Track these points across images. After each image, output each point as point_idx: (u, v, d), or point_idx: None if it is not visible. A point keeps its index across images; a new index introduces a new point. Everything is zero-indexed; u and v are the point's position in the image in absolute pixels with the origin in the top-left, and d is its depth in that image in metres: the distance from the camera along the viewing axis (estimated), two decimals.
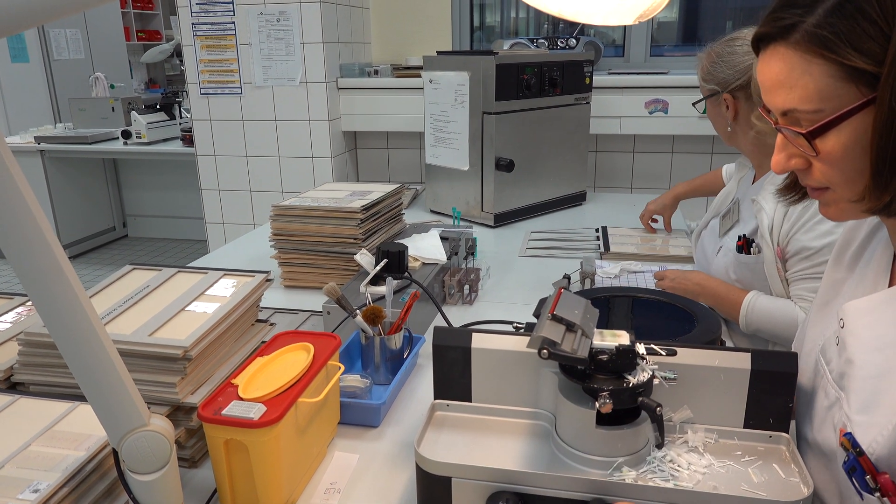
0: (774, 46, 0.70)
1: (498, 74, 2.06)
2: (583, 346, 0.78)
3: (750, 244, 1.44)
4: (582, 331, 0.80)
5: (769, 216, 1.38)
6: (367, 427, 1.06)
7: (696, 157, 2.83)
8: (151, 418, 0.72)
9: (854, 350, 0.74)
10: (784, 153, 0.74)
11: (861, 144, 0.67)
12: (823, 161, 0.70)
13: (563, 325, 0.80)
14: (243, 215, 3.11)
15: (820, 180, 0.72)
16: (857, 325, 0.75)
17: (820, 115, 0.67)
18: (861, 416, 0.71)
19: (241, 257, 1.92)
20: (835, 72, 0.65)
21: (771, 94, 0.72)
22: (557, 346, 0.76)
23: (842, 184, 0.71)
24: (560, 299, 0.84)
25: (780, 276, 1.38)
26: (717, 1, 3.30)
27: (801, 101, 0.68)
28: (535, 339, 0.77)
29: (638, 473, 0.77)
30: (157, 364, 0.91)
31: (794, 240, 1.34)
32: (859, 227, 0.89)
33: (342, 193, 1.73)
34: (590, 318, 0.84)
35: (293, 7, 2.75)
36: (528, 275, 1.75)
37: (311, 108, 2.87)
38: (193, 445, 0.96)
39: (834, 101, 0.66)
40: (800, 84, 0.68)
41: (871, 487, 0.67)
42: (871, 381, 0.71)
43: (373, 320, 1.17)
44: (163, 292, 1.08)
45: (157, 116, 4.48)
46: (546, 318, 0.80)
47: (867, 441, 0.68)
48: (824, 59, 0.65)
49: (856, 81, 0.65)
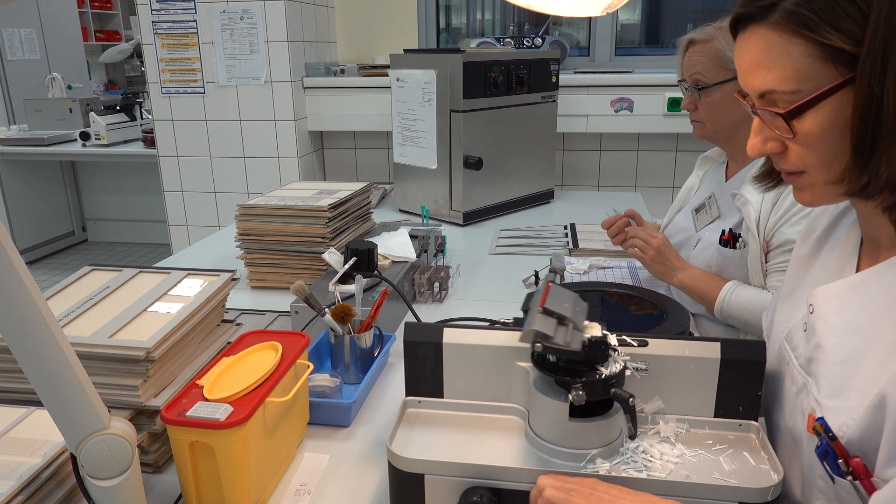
0: (753, 27, 0.70)
1: (465, 72, 2.05)
2: (575, 339, 0.78)
3: (736, 238, 1.43)
4: (573, 323, 0.80)
5: (756, 209, 1.37)
6: (337, 427, 1.04)
7: (661, 154, 2.87)
8: (112, 421, 0.70)
9: (824, 335, 0.75)
10: (760, 136, 0.74)
11: (838, 125, 0.67)
12: (800, 143, 0.70)
13: (555, 318, 0.79)
14: (208, 217, 3.05)
15: (796, 163, 0.73)
16: (826, 310, 0.76)
17: (798, 95, 0.68)
18: (831, 400, 0.72)
19: (206, 258, 1.88)
20: (814, 51, 0.66)
21: (749, 75, 0.72)
22: (550, 339, 0.76)
23: (818, 166, 0.71)
24: (549, 292, 0.83)
25: (763, 269, 1.37)
26: (679, 3, 3.35)
27: (780, 81, 0.68)
28: (527, 333, 0.76)
29: (611, 465, 0.77)
30: (118, 366, 0.88)
31: (779, 232, 1.34)
32: (822, 215, 0.90)
33: (309, 192, 1.71)
34: (579, 310, 0.83)
35: (257, 5, 2.71)
36: (497, 272, 1.75)
37: (277, 107, 2.83)
38: (157, 450, 0.93)
39: (812, 81, 0.67)
40: (778, 64, 0.68)
41: (842, 471, 0.67)
42: (841, 365, 0.72)
43: (342, 319, 1.15)
44: (124, 293, 1.05)
45: (116, 117, 4.37)
46: (537, 312, 0.79)
47: (837, 425, 0.69)
48: (803, 39, 0.66)
49: (834, 61, 0.65)
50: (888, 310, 0.69)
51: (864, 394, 0.67)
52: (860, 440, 0.67)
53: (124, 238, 5.31)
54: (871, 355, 0.69)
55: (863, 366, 0.69)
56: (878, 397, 0.65)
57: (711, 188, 1.61)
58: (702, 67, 1.46)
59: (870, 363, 0.69)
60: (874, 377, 0.67)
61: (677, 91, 2.60)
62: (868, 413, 0.66)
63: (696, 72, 1.47)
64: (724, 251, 1.44)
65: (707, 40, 1.45)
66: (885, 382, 0.65)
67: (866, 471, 0.66)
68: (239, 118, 2.87)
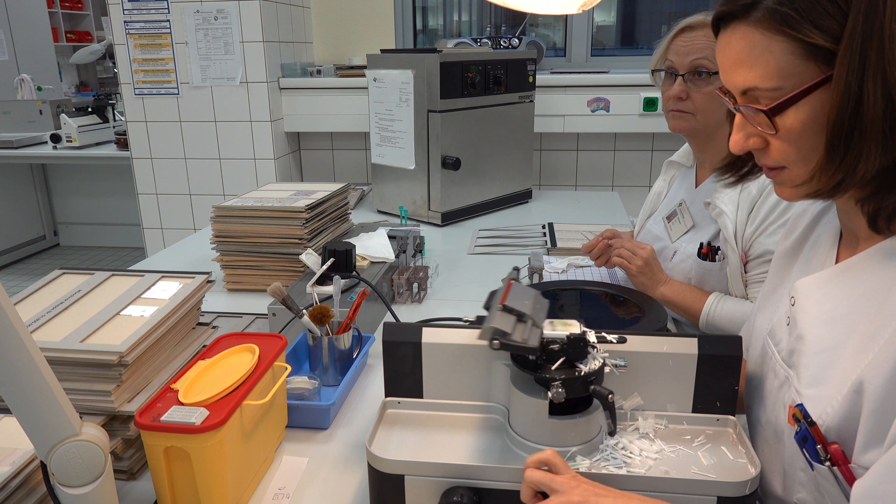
0: (735, 25, 0.71)
1: (442, 72, 2.05)
2: (533, 336, 0.78)
3: (715, 251, 1.41)
4: (532, 321, 0.80)
5: (732, 220, 1.35)
6: (316, 429, 1.03)
7: (637, 154, 2.90)
8: (83, 427, 0.68)
9: (805, 326, 0.76)
10: (742, 133, 0.75)
11: (818, 121, 0.68)
12: (782, 139, 0.71)
13: (514, 315, 0.79)
14: (183, 220, 3.01)
15: (777, 159, 0.73)
16: (807, 301, 0.77)
17: (779, 92, 0.68)
18: (811, 389, 0.73)
19: (181, 261, 1.86)
20: (795, 49, 0.67)
21: (731, 73, 0.73)
22: (508, 336, 0.76)
23: (798, 161, 0.72)
24: (510, 290, 0.83)
25: (743, 279, 1.36)
26: (653, 5, 3.39)
27: (762, 79, 0.69)
28: (485, 331, 0.76)
29: (591, 462, 0.77)
30: (90, 371, 0.86)
31: (757, 243, 1.33)
32: (804, 214, 0.92)
33: (286, 193, 1.69)
34: (540, 308, 0.83)
35: (231, 5, 2.68)
36: (476, 272, 1.75)
37: (253, 108, 2.80)
38: (132, 456, 0.91)
39: (794, 78, 0.67)
40: (761, 62, 0.69)
41: (821, 458, 0.68)
42: (821, 355, 0.73)
43: (320, 320, 1.14)
44: (95, 297, 1.03)
45: (88, 119, 4.29)
46: (496, 309, 0.79)
47: (817, 413, 0.70)
48: (785, 37, 0.66)
49: (815, 59, 0.66)
50: (865, 299, 0.70)
51: (842, 381, 0.69)
52: (838, 427, 0.68)
53: (97, 242, 5.22)
54: (849, 344, 0.70)
55: (841, 354, 0.71)
56: (856, 384, 0.66)
57: (681, 194, 1.58)
58: (710, 53, 1.36)
59: (848, 351, 0.70)
60: (852, 365, 0.68)
61: (653, 91, 2.63)
62: (846, 400, 0.67)
63: (700, 56, 1.37)
64: (703, 264, 1.42)
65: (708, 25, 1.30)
66: (862, 369, 0.66)
67: (844, 457, 0.67)
68: (214, 119, 2.84)
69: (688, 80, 1.40)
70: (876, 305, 0.68)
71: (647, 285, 1.45)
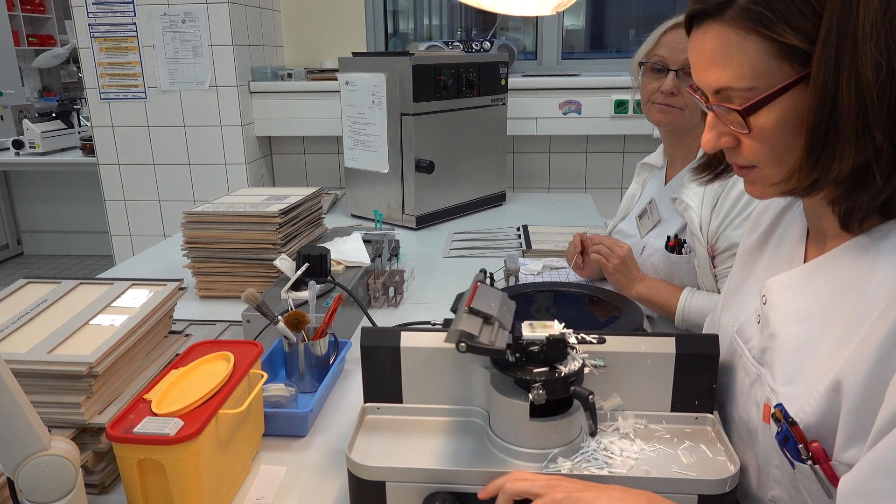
0: (708, 24, 0.70)
1: (415, 75, 2.05)
2: (500, 338, 0.77)
3: (682, 244, 1.43)
4: (499, 322, 0.79)
5: (697, 215, 1.37)
6: (293, 437, 1.01)
7: (609, 156, 2.92)
8: (52, 441, 0.66)
9: (777, 324, 0.76)
10: (714, 132, 0.75)
11: (791, 122, 0.68)
12: (754, 138, 0.71)
13: (481, 317, 0.79)
14: (152, 227, 2.95)
15: (749, 158, 0.73)
16: (779, 300, 0.77)
17: (753, 92, 0.68)
18: (787, 387, 0.73)
19: (152, 269, 1.82)
20: (769, 49, 0.66)
21: (704, 72, 0.72)
22: (475, 338, 0.75)
23: (770, 161, 0.72)
24: (476, 293, 0.83)
25: (712, 272, 1.38)
26: (622, 9, 3.43)
27: (736, 79, 0.69)
28: (452, 333, 0.75)
29: (573, 463, 0.77)
30: (58, 383, 0.84)
31: (723, 236, 1.34)
32: (766, 211, 0.93)
33: (258, 198, 1.67)
34: (506, 309, 0.83)
35: (199, 8, 2.64)
36: (452, 275, 1.74)
37: (223, 112, 2.76)
38: (103, 470, 0.88)
39: (767, 78, 0.67)
40: (734, 62, 0.68)
41: (802, 457, 0.69)
42: (795, 353, 0.73)
43: (296, 326, 1.13)
44: (63, 306, 1.00)
45: (52, 125, 4.20)
46: (463, 312, 0.79)
47: (794, 411, 0.71)
48: (759, 37, 0.66)
49: (789, 59, 0.66)
50: (838, 296, 0.71)
51: (819, 379, 0.69)
52: (817, 425, 0.69)
53: (63, 250, 5.10)
54: (823, 341, 0.71)
55: (816, 352, 0.71)
56: (834, 382, 0.67)
57: (651, 194, 1.61)
58: None
59: (823, 349, 0.70)
60: (828, 363, 0.69)
61: (623, 93, 2.67)
62: (824, 398, 0.68)
63: None
64: (671, 257, 1.44)
65: None
66: (839, 367, 0.67)
67: (825, 455, 0.68)
68: (183, 124, 2.79)
69: (680, 77, 1.42)
70: (850, 302, 0.69)
71: (624, 283, 1.46)
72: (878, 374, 0.63)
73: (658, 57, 1.44)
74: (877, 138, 0.63)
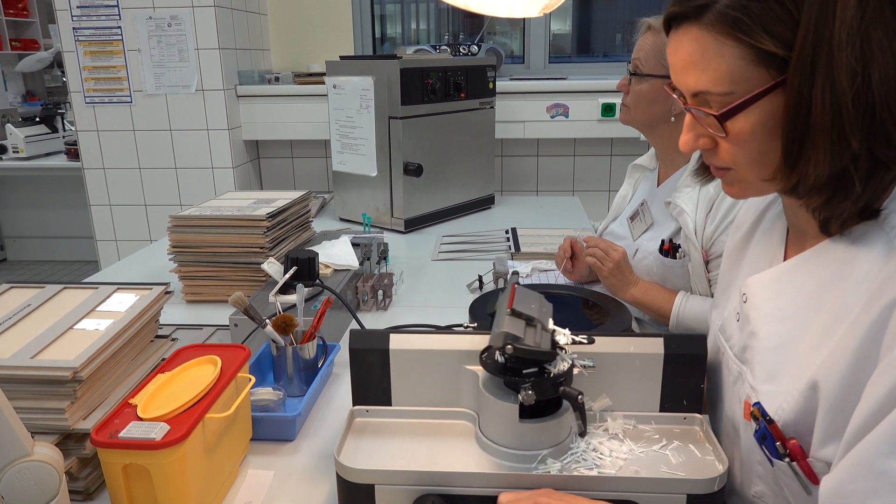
0: (687, 26, 0.70)
1: (402, 79, 2.05)
2: (544, 340, 0.77)
3: (676, 248, 1.43)
4: (541, 324, 0.79)
5: (692, 219, 1.37)
6: (282, 441, 1.01)
7: (596, 159, 2.94)
8: (36, 447, 0.65)
9: (757, 323, 0.77)
10: (692, 133, 0.75)
11: (767, 127, 0.68)
12: (731, 142, 0.71)
13: (523, 319, 0.79)
14: (138, 231, 2.93)
15: (725, 160, 0.74)
16: (759, 298, 0.78)
17: (730, 97, 0.68)
18: (766, 385, 0.74)
19: (138, 273, 1.80)
20: (746, 54, 0.66)
21: (682, 74, 0.72)
22: (521, 340, 0.75)
23: (746, 164, 0.72)
24: (515, 294, 0.83)
25: (706, 276, 1.38)
26: (608, 13, 3.45)
27: (713, 83, 0.69)
28: (497, 336, 0.75)
29: (562, 464, 0.77)
30: (42, 388, 0.83)
31: (718, 242, 1.34)
32: (748, 210, 0.93)
33: (246, 202, 1.66)
34: (546, 311, 0.83)
35: (185, 11, 2.63)
36: (441, 278, 1.74)
37: (209, 116, 2.75)
38: (88, 476, 0.87)
39: (744, 83, 0.67)
40: (712, 66, 0.68)
41: (780, 454, 0.69)
42: (774, 351, 0.74)
43: (284, 329, 1.12)
44: (47, 310, 0.99)
45: (36, 129, 4.15)
46: (505, 314, 0.79)
47: (773, 409, 0.71)
48: (737, 42, 0.66)
49: (766, 64, 0.66)
50: (818, 295, 0.71)
51: (797, 378, 0.70)
52: (795, 422, 0.69)
53: (48, 256, 5.04)
54: (802, 340, 0.71)
55: (794, 350, 0.72)
56: (812, 381, 0.67)
57: (643, 195, 1.61)
58: (643, 55, 1.46)
59: (802, 348, 0.71)
60: (806, 361, 0.69)
61: (610, 97, 2.68)
62: (802, 396, 0.68)
63: (637, 57, 1.47)
64: (665, 261, 1.44)
65: (659, 30, 1.44)
66: (817, 366, 0.67)
67: (802, 452, 0.68)
68: (169, 128, 2.77)
69: (631, 76, 1.50)
70: (828, 301, 0.69)
71: (618, 287, 1.46)
72: (856, 374, 0.63)
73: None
74: (853, 145, 0.63)
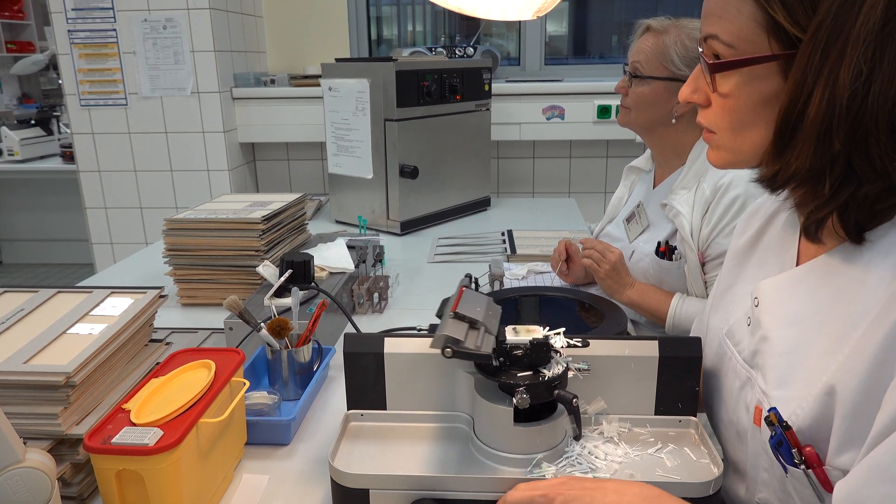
0: None
1: (398, 81, 2.04)
2: (486, 343, 0.77)
3: (672, 250, 1.44)
4: (485, 327, 0.79)
5: (688, 221, 1.37)
6: (276, 446, 1.00)
7: (592, 161, 2.94)
8: (28, 453, 0.65)
9: (769, 327, 0.76)
10: (693, 84, 0.77)
11: (753, 98, 0.69)
12: (718, 102, 0.73)
13: (466, 322, 0.79)
14: (134, 234, 2.92)
15: (710, 121, 0.76)
16: (772, 302, 0.77)
17: (731, 51, 0.70)
18: (778, 391, 0.73)
19: (133, 276, 1.80)
20: (760, 17, 0.67)
21: (706, 19, 0.73)
22: (461, 343, 0.75)
23: (726, 130, 0.74)
24: (462, 298, 0.83)
25: (703, 279, 1.38)
26: (604, 15, 3.45)
27: (724, 31, 0.70)
28: (438, 339, 0.75)
29: (557, 468, 0.77)
30: (35, 394, 0.82)
31: (714, 243, 1.35)
32: (756, 214, 0.93)
33: (241, 204, 1.66)
34: (492, 314, 0.83)
35: (180, 14, 2.63)
36: (437, 281, 1.74)
37: (205, 119, 2.74)
38: (81, 481, 0.87)
39: (748, 44, 0.68)
40: (728, 16, 0.70)
41: (795, 461, 0.68)
42: (787, 356, 0.73)
43: (279, 333, 1.12)
44: (40, 315, 0.98)
45: (31, 132, 4.15)
46: (448, 317, 0.79)
47: (786, 414, 0.70)
48: (755, 2, 0.67)
49: (772, 34, 0.67)
50: (832, 299, 0.70)
51: (812, 383, 0.68)
52: (810, 429, 0.68)
53: (43, 259, 5.03)
54: (816, 345, 0.70)
55: (808, 355, 0.71)
56: (828, 386, 0.66)
57: (639, 197, 1.61)
58: (643, 57, 1.46)
59: (815, 352, 0.70)
60: (821, 366, 0.68)
61: (606, 99, 2.68)
62: (817, 402, 0.67)
63: (637, 59, 1.47)
64: (661, 263, 1.44)
65: (660, 32, 1.44)
66: (833, 371, 0.66)
67: (818, 459, 0.67)
68: (165, 130, 2.77)
69: (630, 78, 1.49)
70: (843, 306, 0.68)
71: (615, 289, 1.46)
72: (874, 380, 0.62)
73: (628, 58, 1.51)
74: (835, 146, 0.63)
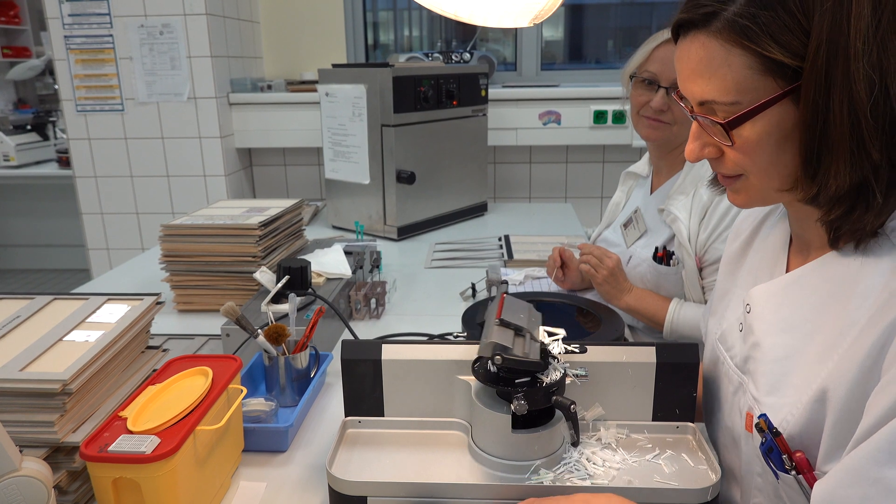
0: (695, 34, 0.70)
1: (395, 87, 2.05)
2: (533, 350, 0.77)
3: (669, 255, 1.44)
4: (530, 334, 0.79)
5: (686, 226, 1.37)
6: (274, 452, 1.00)
7: (588, 166, 2.94)
8: (24, 462, 0.64)
9: (761, 334, 0.76)
10: (699, 142, 0.75)
11: (775, 136, 0.68)
12: (738, 150, 0.71)
13: (512, 329, 0.79)
14: (130, 240, 2.91)
15: (733, 168, 0.73)
16: (763, 309, 0.77)
17: (737, 107, 0.67)
18: (769, 397, 0.73)
19: (129, 283, 1.79)
20: (754, 63, 0.66)
21: (689, 82, 0.72)
22: (509, 350, 0.75)
23: (756, 172, 0.71)
24: (504, 304, 0.83)
25: (700, 284, 1.38)
26: (600, 21, 3.47)
27: (720, 92, 0.68)
28: (486, 346, 0.75)
29: (555, 474, 0.77)
30: (31, 401, 0.82)
31: (712, 249, 1.35)
32: (747, 219, 0.93)
33: (238, 210, 1.65)
34: (535, 321, 0.83)
35: (177, 20, 2.63)
36: (434, 286, 1.74)
37: (202, 124, 2.74)
38: (78, 489, 0.86)
39: (751, 93, 0.67)
40: (718, 74, 0.68)
41: (786, 467, 0.68)
42: (779, 363, 0.73)
43: (276, 339, 1.11)
44: (36, 322, 0.98)
45: (27, 137, 4.14)
46: (494, 324, 0.78)
47: (777, 421, 0.70)
48: (744, 50, 0.65)
49: (773, 74, 0.65)
50: (823, 306, 0.70)
51: (803, 389, 0.69)
52: (800, 435, 0.68)
53: (39, 265, 5.01)
54: (807, 352, 0.70)
55: (800, 362, 0.71)
56: (819, 392, 0.66)
57: (637, 203, 1.62)
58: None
59: (807, 359, 0.70)
60: (812, 373, 0.68)
61: (602, 104, 2.69)
62: (808, 408, 0.68)
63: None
64: (659, 268, 1.44)
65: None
66: (824, 378, 0.66)
67: (809, 465, 0.68)
68: (161, 136, 2.76)
69: (671, 94, 1.41)
70: (834, 313, 0.69)
71: (613, 294, 1.46)
72: (862, 386, 0.63)
73: (649, 73, 1.44)
74: (873, 155, 0.63)
